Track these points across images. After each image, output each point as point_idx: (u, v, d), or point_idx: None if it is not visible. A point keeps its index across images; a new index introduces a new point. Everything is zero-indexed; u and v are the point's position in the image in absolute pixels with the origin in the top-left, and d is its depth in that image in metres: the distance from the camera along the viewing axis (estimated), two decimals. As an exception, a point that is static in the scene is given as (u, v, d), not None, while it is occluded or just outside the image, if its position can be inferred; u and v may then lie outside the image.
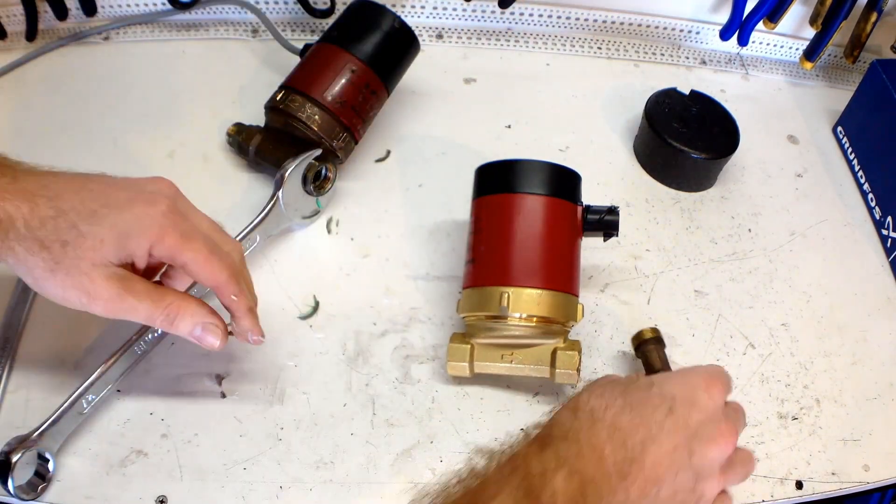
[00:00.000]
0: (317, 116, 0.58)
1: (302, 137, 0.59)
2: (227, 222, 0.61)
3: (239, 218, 0.61)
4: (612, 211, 0.54)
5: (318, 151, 0.59)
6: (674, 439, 0.38)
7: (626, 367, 0.56)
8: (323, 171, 0.60)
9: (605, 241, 0.56)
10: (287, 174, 0.57)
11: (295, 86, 0.59)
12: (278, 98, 0.59)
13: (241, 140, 0.62)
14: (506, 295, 0.49)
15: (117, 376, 0.48)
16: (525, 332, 0.50)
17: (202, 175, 0.64)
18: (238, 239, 0.53)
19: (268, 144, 0.61)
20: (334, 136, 0.59)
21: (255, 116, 0.70)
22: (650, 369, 0.52)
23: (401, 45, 0.63)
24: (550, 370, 0.50)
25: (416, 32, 0.79)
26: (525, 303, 0.49)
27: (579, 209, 0.53)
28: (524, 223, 0.51)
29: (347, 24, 0.62)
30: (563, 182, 0.53)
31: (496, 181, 0.53)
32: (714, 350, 0.57)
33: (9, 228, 0.38)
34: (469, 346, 0.51)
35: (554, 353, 0.50)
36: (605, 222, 0.54)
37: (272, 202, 0.56)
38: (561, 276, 0.51)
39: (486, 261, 0.51)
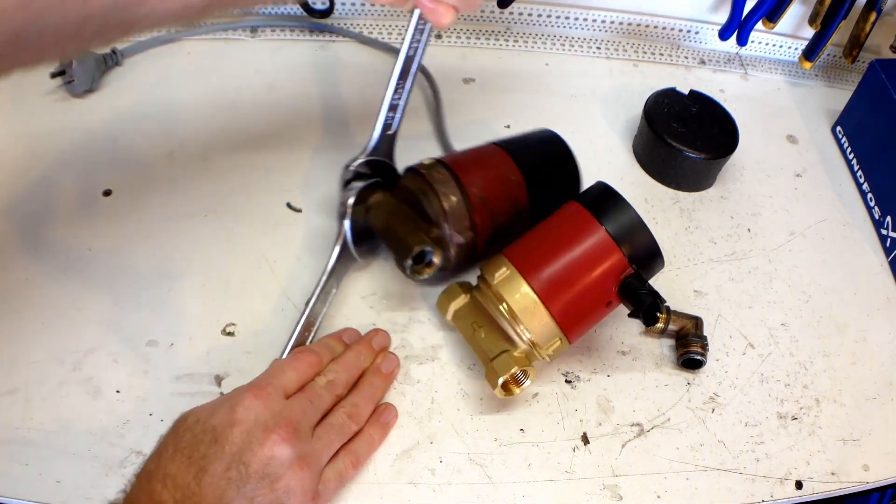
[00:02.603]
0: (453, 197, 0.51)
1: (417, 214, 0.52)
2: (228, 222, 0.61)
3: (239, 215, 0.61)
4: (655, 296, 0.48)
5: (376, 179, 0.54)
6: (223, 462, 0.40)
7: (626, 367, 0.56)
8: (428, 254, 0.49)
9: (642, 323, 0.49)
10: (350, 203, 0.52)
11: (447, 162, 0.54)
12: (426, 164, 0.53)
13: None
14: (506, 271, 0.49)
15: None
16: (496, 314, 0.50)
17: (201, 175, 0.64)
18: (313, 300, 0.53)
19: (384, 206, 0.54)
20: (458, 228, 0.51)
21: (253, 115, 0.70)
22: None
23: (564, 183, 0.57)
24: (488, 365, 0.49)
25: (416, 32, 0.80)
26: (514, 294, 0.48)
27: (625, 270, 0.49)
28: (582, 250, 0.49)
29: (523, 140, 0.58)
30: (640, 241, 0.50)
31: (588, 199, 0.51)
32: (714, 350, 0.57)
33: None
34: (464, 295, 0.52)
35: (502, 353, 0.49)
36: (645, 304, 0.48)
37: (339, 242, 0.53)
38: (572, 318, 0.49)
39: (525, 245, 0.51)
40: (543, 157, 0.57)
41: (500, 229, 0.54)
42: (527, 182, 0.54)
